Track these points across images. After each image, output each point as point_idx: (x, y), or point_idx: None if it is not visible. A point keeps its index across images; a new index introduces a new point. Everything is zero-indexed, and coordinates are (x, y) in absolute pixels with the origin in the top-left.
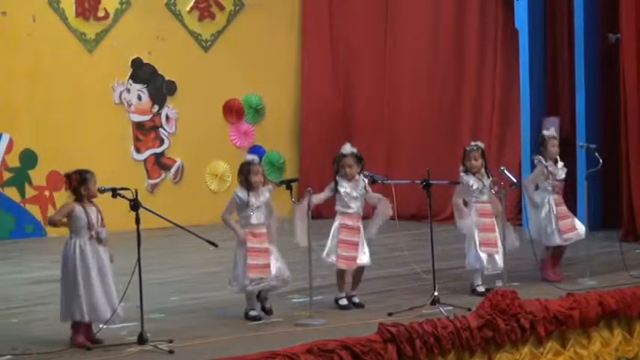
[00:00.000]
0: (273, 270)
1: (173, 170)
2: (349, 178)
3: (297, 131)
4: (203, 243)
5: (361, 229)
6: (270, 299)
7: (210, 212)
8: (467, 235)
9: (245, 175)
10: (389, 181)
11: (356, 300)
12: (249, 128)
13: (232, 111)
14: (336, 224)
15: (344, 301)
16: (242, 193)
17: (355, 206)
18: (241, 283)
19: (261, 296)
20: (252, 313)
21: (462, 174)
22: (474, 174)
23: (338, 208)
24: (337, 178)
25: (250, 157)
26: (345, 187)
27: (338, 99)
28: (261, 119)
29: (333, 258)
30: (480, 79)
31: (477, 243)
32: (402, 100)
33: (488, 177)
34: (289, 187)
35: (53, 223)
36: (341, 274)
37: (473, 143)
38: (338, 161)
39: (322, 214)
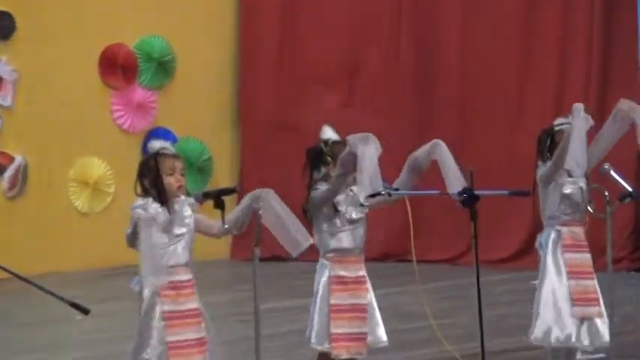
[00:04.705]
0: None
1: (8, 175)
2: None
3: (233, 106)
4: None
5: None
6: None
7: (79, 251)
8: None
9: (153, 177)
10: (398, 192)
11: None
12: (146, 97)
13: (116, 66)
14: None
15: None
16: (151, 207)
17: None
18: None
19: None
20: None
21: (541, 164)
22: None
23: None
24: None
25: (158, 143)
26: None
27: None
28: (168, 81)
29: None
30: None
31: (560, 297)
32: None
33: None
34: (220, 205)
35: None
36: None
37: (561, 119)
38: (326, 153)
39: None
